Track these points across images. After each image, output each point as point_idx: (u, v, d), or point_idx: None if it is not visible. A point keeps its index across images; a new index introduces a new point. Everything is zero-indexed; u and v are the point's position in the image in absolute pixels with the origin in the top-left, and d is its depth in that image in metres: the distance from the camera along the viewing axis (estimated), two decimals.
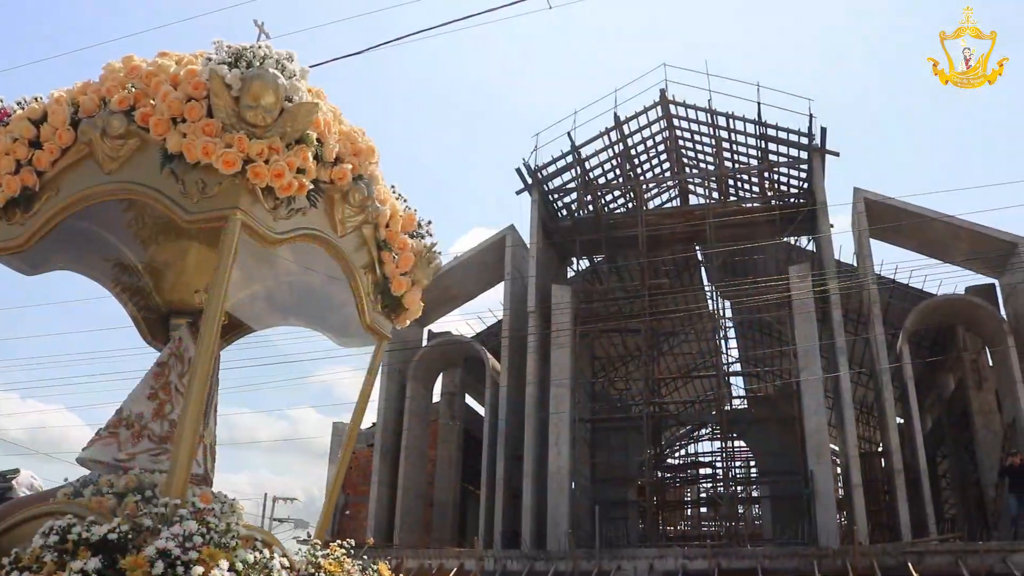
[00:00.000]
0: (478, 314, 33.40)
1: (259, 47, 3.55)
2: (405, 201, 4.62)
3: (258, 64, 3.50)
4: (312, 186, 3.69)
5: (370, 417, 26.36)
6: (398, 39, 10.47)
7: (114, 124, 3.60)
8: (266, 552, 3.08)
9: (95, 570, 2.73)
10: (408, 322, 4.70)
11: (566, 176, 24.27)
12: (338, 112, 4.04)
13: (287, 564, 3.32)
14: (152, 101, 3.63)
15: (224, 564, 2.81)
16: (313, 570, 3.69)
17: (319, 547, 3.85)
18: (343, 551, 3.95)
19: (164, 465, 3.81)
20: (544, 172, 23.69)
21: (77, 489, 3.69)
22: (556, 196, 24.58)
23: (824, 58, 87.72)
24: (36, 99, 4.05)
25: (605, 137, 23.51)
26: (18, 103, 4.05)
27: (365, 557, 4.05)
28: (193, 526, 2.90)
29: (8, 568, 2.98)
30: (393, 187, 4.55)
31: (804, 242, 23.59)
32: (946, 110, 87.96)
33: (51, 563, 2.83)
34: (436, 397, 25.00)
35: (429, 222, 4.70)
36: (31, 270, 4.30)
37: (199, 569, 2.74)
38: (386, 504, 22.17)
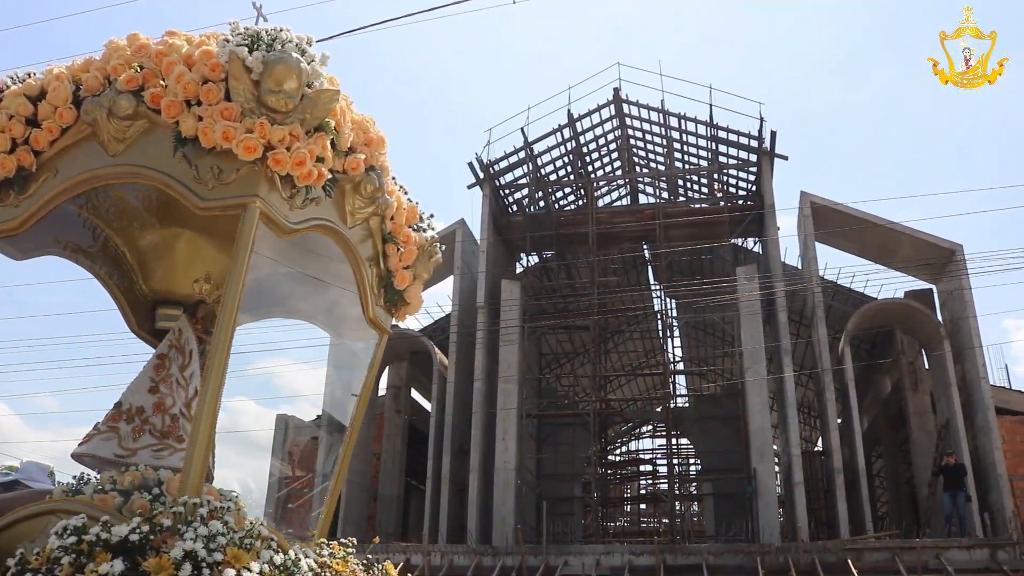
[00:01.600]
0: (426, 308, 33.18)
1: (280, 30, 3.43)
2: (406, 193, 4.52)
3: (279, 48, 3.37)
4: (330, 175, 3.59)
5: (314, 410, 26.01)
6: (362, 28, 10.31)
7: (122, 104, 3.44)
8: (291, 554, 2.98)
9: (120, 574, 2.60)
10: (407, 317, 4.62)
11: (518, 172, 24.29)
12: (349, 100, 3.93)
13: (314, 566, 3.21)
14: (162, 82, 3.48)
15: (255, 567, 2.70)
16: (320, 570, 3.58)
17: (324, 546, 3.74)
18: (346, 550, 3.85)
19: (167, 461, 3.67)
20: (496, 167, 23.66)
21: (75, 486, 3.53)
22: (508, 192, 24.57)
23: (777, 63, 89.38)
24: (29, 75, 3.86)
25: (558, 134, 23.58)
26: (11, 78, 3.85)
27: (369, 556, 3.95)
28: (218, 526, 2.78)
29: (15, 570, 2.82)
30: (394, 178, 4.45)
31: (751, 244, 24.00)
32: (899, 117, 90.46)
33: (68, 566, 2.68)
34: (382, 391, 24.78)
35: (431, 215, 4.62)
36: (21, 255, 4.10)
37: (231, 572, 2.62)
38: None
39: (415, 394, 26.26)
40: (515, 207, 24.89)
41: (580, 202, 25.58)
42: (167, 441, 3.72)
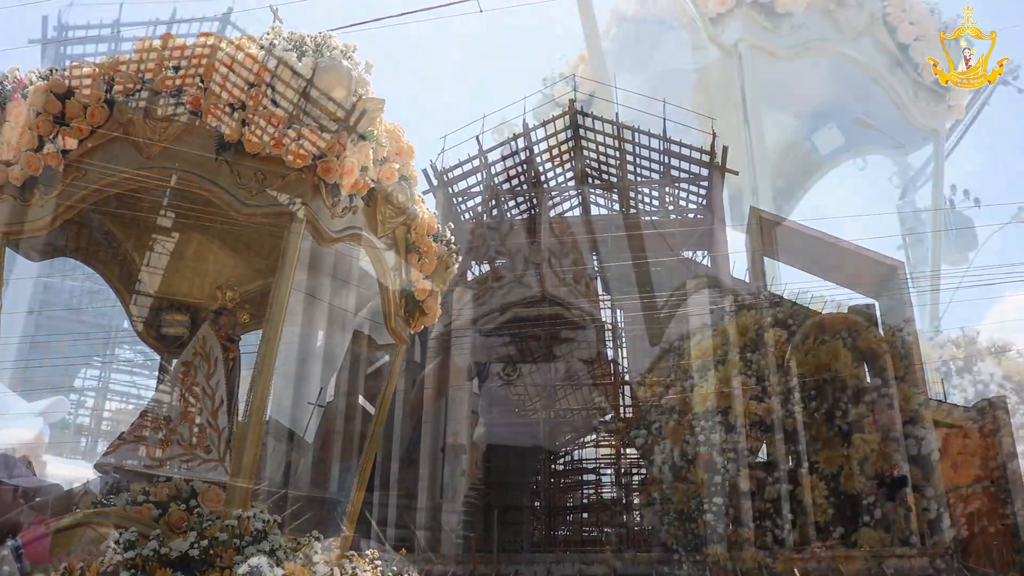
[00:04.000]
0: None
1: (328, 36, 3.38)
2: (425, 203, 4.51)
3: (326, 55, 3.32)
4: (372, 184, 3.56)
5: None
6: (342, 28, 10.25)
7: (160, 106, 3.35)
8: (348, 568, 2.93)
9: None
10: (422, 327, 4.59)
11: (471, 180, 24.30)
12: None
13: None
14: (201, 83, 3.40)
15: None
16: None
17: (354, 557, 3.69)
18: (373, 559, 3.80)
19: (194, 472, 3.56)
20: (450, 175, 23.63)
21: (103, 497, 3.40)
22: (461, 199, 24.55)
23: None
24: (52, 71, 3.73)
25: (512, 143, 23.65)
26: (34, 73, 3.72)
27: (395, 568, 3.92)
28: (279, 540, 2.73)
29: None
30: None
31: (701, 257, 24.36)
32: None
33: None
34: (330, 397, 24.47)
35: (449, 226, 4.61)
36: (39, 256, 3.94)
37: None
38: (277, 504, 21.55)
39: (363, 401, 25.97)
40: (468, 214, 24.88)
41: (533, 211, 25.66)
42: (195, 452, 3.61)
